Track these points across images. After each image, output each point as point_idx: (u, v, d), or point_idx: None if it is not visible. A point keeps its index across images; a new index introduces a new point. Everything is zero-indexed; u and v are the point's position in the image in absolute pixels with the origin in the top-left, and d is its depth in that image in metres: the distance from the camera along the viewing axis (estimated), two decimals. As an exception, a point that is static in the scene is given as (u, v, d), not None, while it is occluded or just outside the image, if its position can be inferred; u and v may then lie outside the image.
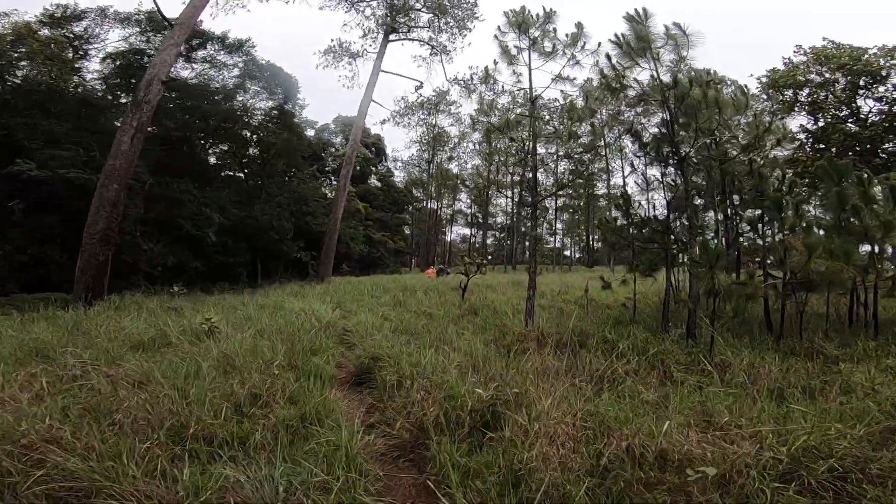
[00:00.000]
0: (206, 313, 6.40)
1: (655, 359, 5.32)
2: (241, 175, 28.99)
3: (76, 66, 17.63)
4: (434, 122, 52.58)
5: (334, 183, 34.08)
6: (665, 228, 7.43)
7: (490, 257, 59.71)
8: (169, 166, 20.66)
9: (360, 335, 6.76)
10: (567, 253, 72.84)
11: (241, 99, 25.60)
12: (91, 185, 12.81)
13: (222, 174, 28.37)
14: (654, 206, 16.07)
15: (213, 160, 29.57)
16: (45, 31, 18.01)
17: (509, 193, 60.35)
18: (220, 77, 24.08)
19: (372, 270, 33.91)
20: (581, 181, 50.61)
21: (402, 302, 10.89)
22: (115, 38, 20.50)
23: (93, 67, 20.43)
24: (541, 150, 53.10)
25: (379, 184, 47.23)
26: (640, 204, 7.82)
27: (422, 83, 30.71)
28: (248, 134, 27.11)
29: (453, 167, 60.14)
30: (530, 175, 8.47)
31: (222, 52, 23.23)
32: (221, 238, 22.33)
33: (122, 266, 17.57)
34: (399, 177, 56.26)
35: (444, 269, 29.00)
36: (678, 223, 7.79)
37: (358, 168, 45.11)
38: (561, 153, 50.45)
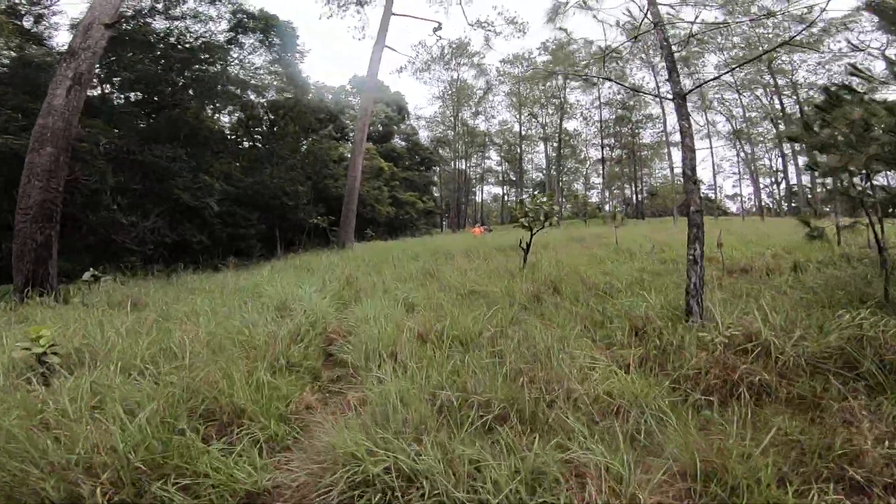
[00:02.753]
0: (39, 329, 3.39)
1: None
2: (250, 142, 26.13)
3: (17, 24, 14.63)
4: (456, 75, 47.85)
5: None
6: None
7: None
8: (159, 133, 17.88)
9: (358, 352, 3.64)
10: (607, 207, 67.70)
11: (235, 55, 22.29)
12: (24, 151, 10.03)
13: (229, 139, 25.59)
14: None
15: (226, 131, 26.89)
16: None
17: (540, 148, 55.45)
18: (207, 33, 20.67)
19: (400, 234, 30.88)
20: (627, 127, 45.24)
21: (435, 273, 7.67)
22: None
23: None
24: (580, 96, 47.77)
25: (403, 143, 43.60)
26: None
27: (440, 24, 26.38)
28: (254, 97, 23.94)
29: (480, 123, 55.54)
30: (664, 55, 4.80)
31: (204, 3, 19.71)
32: (228, 208, 19.66)
33: (111, 246, 15.20)
34: (423, 136, 52.31)
35: (488, 227, 25.68)
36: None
37: (381, 127, 41.53)
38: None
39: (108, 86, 18.62)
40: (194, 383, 2.95)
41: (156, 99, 19.06)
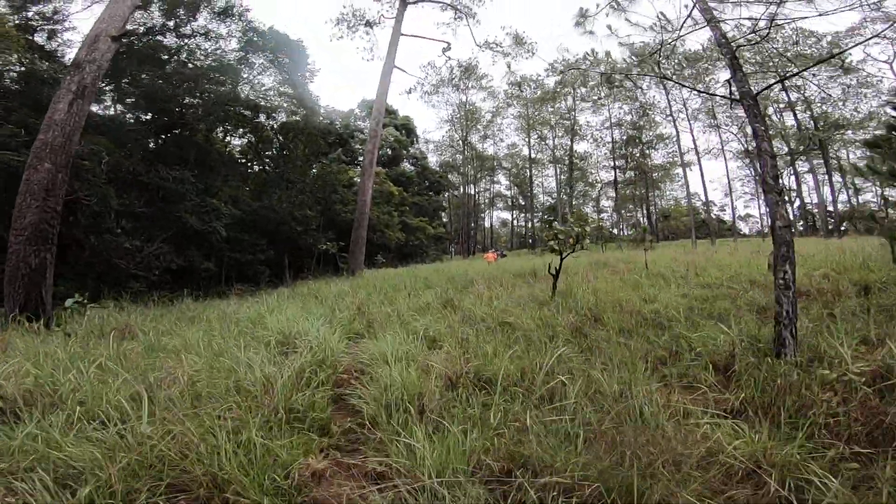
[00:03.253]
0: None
1: None
2: (259, 166, 26.00)
3: (29, 38, 14.59)
4: (465, 98, 48.19)
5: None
6: None
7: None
8: (167, 155, 17.70)
9: (377, 402, 2.94)
10: (615, 231, 66.76)
11: (245, 76, 22.35)
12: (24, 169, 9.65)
13: (239, 162, 25.47)
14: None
15: (236, 154, 26.87)
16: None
17: (549, 171, 55.17)
18: (217, 50, 20.74)
19: (411, 260, 30.26)
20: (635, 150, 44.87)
21: (456, 303, 6.97)
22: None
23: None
24: (590, 118, 47.73)
25: (412, 168, 43.53)
26: None
27: (449, 44, 26.46)
28: (264, 118, 23.91)
29: (488, 146, 55.66)
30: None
31: (214, 21, 19.85)
32: (234, 233, 19.25)
33: (114, 271, 14.73)
34: (432, 160, 52.39)
35: (501, 252, 25.04)
36: None
37: (389, 151, 41.58)
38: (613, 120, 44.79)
39: (118, 105, 18.59)
40: (160, 446, 2.27)
41: (165, 119, 18.94)
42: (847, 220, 39.96)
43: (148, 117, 18.94)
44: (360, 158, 37.10)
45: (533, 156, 50.33)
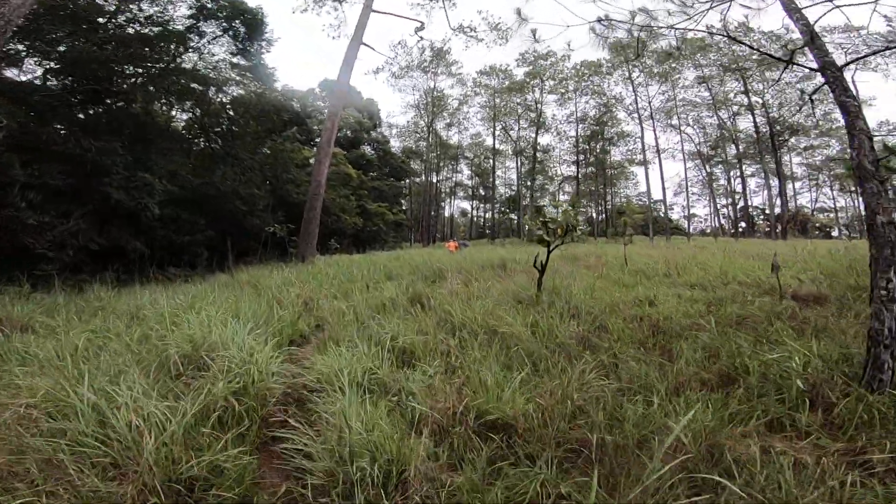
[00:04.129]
0: None
1: None
2: (205, 142, 23.52)
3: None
4: (433, 84, 46.64)
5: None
6: None
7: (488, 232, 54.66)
8: (98, 126, 15.33)
9: (329, 466, 1.82)
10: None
11: (194, 44, 19.90)
12: None
13: (183, 136, 22.92)
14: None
15: (181, 129, 24.14)
16: None
17: (510, 163, 54.81)
18: (164, 15, 18.16)
19: (368, 247, 28.75)
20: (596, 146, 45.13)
21: (426, 300, 5.87)
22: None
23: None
24: (556, 110, 47.48)
25: (373, 152, 41.67)
26: None
27: (423, 24, 24.94)
28: (214, 91, 21.44)
29: (453, 134, 54.49)
30: None
31: None
32: (169, 211, 17.13)
33: (26, 252, 12.51)
34: (395, 145, 50.64)
35: (464, 243, 24.11)
36: None
37: (350, 133, 39.55)
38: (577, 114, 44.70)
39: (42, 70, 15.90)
40: None
41: (96, 87, 16.41)
42: (789, 222, 42.21)
43: (75, 85, 16.35)
44: (318, 139, 34.92)
45: (497, 146, 49.69)
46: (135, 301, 6.66)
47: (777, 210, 42.41)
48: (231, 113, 22.47)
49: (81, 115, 15.76)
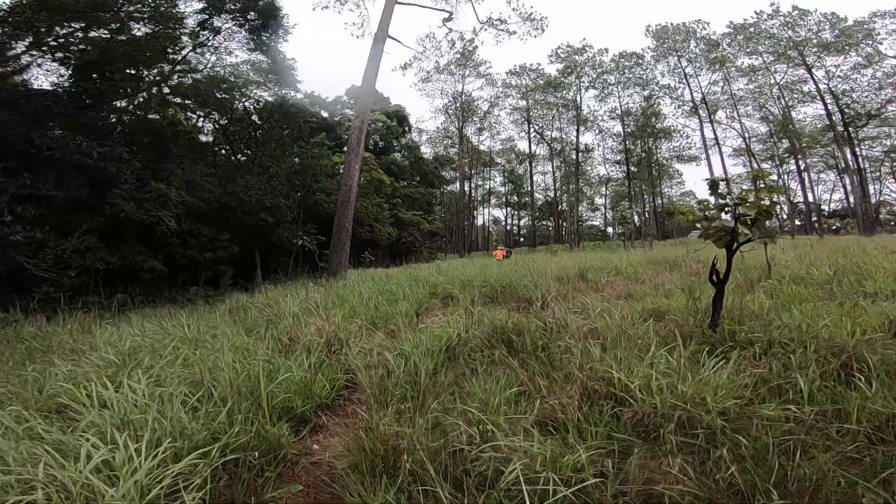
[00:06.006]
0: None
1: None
2: (227, 149, 22.21)
3: None
4: (461, 87, 44.68)
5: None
6: None
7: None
8: (99, 129, 14.01)
9: None
10: (609, 230, 63.82)
11: (209, 42, 18.63)
12: None
13: (204, 144, 21.70)
14: None
15: (202, 137, 23.09)
16: None
17: (542, 167, 52.05)
18: (172, 10, 16.87)
19: (403, 259, 26.73)
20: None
21: (515, 337, 3.60)
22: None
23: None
24: (596, 105, 44.53)
25: (404, 159, 39.98)
26: None
27: (451, 14, 23.00)
28: (237, 95, 20.09)
29: (484, 139, 52.30)
30: None
31: None
32: (189, 225, 15.62)
33: (19, 272, 11.09)
34: (426, 151, 48.90)
35: (508, 250, 21.90)
36: None
37: (379, 140, 38.06)
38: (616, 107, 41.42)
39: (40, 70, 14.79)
40: None
41: (99, 88, 15.15)
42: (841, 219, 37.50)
43: (81, 87, 15.16)
44: (346, 148, 33.42)
45: (533, 150, 47.16)
46: (89, 340, 4.67)
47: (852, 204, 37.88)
48: (254, 118, 21.10)
49: (84, 120, 14.43)
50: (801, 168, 42.86)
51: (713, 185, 3.30)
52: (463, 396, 2.64)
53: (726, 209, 3.29)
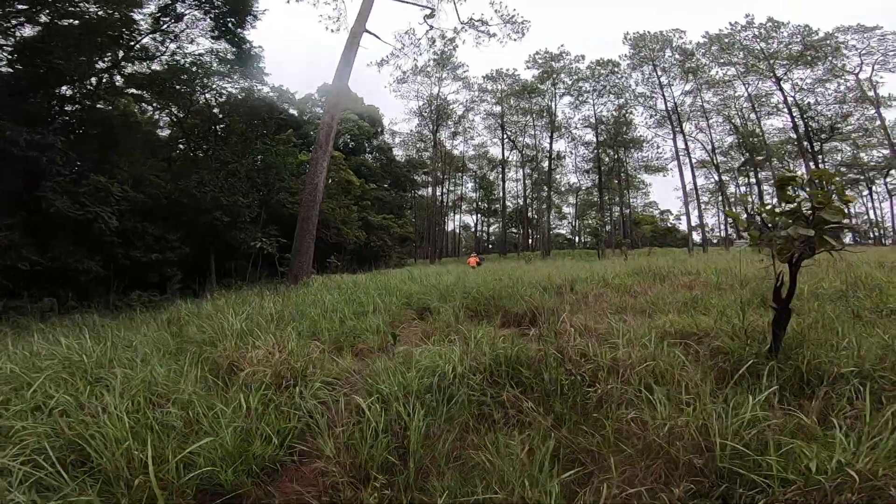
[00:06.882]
0: None
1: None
2: (183, 143, 20.55)
3: None
4: (437, 90, 43.97)
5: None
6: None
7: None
8: (36, 117, 12.41)
9: None
10: (576, 239, 64.48)
11: (170, 29, 17.13)
12: None
13: (160, 137, 19.98)
14: None
15: (159, 131, 21.28)
16: None
17: (518, 175, 52.00)
18: None
19: (372, 264, 25.54)
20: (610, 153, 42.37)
21: (524, 370, 2.79)
22: None
23: None
24: (570, 112, 44.70)
25: (375, 161, 38.78)
26: None
27: (433, 10, 22.28)
28: (196, 85, 18.52)
29: (458, 144, 51.77)
30: None
31: None
32: (133, 223, 14.08)
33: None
34: (399, 154, 47.86)
35: (482, 258, 21.25)
36: None
37: (351, 142, 36.82)
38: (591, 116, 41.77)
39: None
40: None
41: (39, 70, 13.50)
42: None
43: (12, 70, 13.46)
44: (314, 146, 31.91)
45: (506, 156, 46.99)
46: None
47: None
48: (215, 111, 19.60)
49: (25, 107, 12.78)
50: (758, 180, 44.48)
51: (781, 184, 2.60)
52: (476, 468, 1.78)
53: (797, 215, 2.58)
